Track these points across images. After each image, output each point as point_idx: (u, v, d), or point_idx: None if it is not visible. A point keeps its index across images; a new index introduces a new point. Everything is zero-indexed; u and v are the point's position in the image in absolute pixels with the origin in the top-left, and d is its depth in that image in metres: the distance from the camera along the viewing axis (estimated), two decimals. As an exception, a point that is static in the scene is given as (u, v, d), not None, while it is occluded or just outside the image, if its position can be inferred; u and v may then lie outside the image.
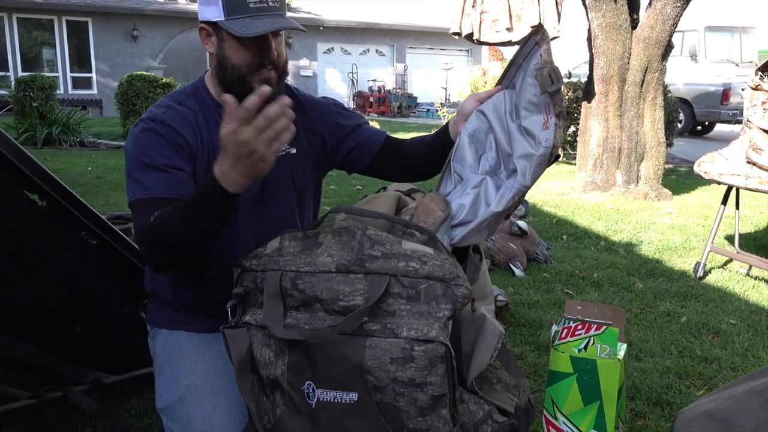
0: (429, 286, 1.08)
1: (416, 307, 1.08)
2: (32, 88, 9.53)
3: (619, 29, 5.72)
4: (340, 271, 1.11)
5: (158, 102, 1.42)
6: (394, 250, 1.10)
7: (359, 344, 1.07)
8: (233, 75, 1.34)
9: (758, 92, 3.44)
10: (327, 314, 1.12)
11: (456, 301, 1.08)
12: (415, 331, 1.06)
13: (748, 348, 2.68)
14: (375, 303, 1.07)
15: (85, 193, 5.54)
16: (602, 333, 1.42)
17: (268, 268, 1.18)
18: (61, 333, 1.94)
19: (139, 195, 1.28)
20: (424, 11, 22.47)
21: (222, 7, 1.28)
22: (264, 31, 1.28)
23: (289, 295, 1.15)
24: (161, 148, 1.31)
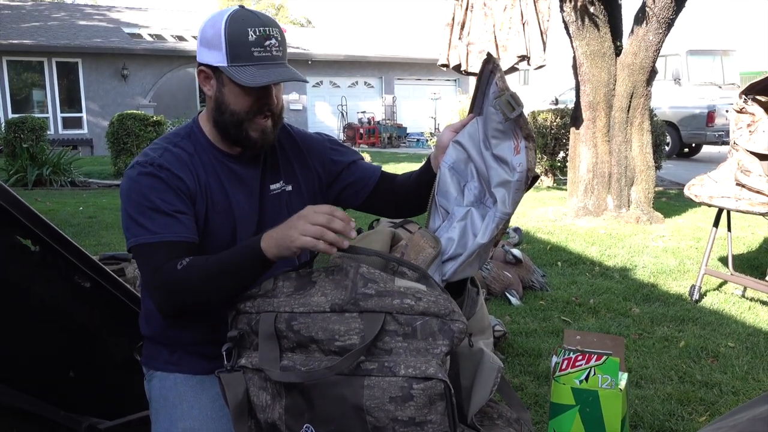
0: (425, 322, 1.07)
1: (413, 344, 1.07)
2: (23, 129, 9.55)
3: (603, 56, 5.81)
4: (335, 311, 1.10)
5: (153, 144, 1.41)
6: (388, 287, 1.10)
7: (357, 384, 1.06)
8: (231, 120, 1.34)
9: (743, 115, 3.49)
10: (323, 355, 1.11)
11: (453, 336, 1.07)
12: (413, 368, 1.05)
13: (748, 371, 2.67)
14: (371, 342, 1.06)
15: (77, 234, 5.51)
16: (603, 363, 1.42)
17: (262, 310, 1.17)
18: (54, 379, 1.91)
19: (145, 239, 1.26)
20: (411, 43, 22.81)
21: (225, 53, 1.28)
22: (268, 82, 1.28)
23: (285, 336, 1.14)
24: (162, 192, 1.30)
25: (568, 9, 5.84)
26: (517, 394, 2.46)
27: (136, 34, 18.49)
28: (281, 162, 1.47)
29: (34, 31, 16.95)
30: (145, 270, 1.26)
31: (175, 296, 1.23)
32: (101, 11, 21.13)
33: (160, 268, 1.23)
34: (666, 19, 5.56)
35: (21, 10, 19.35)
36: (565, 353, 1.46)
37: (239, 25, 1.28)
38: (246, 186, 1.41)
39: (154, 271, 1.24)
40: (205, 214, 1.36)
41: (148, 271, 1.25)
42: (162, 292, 1.23)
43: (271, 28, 1.30)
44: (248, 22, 1.28)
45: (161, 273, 1.22)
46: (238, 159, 1.41)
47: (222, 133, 1.39)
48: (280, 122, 1.41)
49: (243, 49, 1.27)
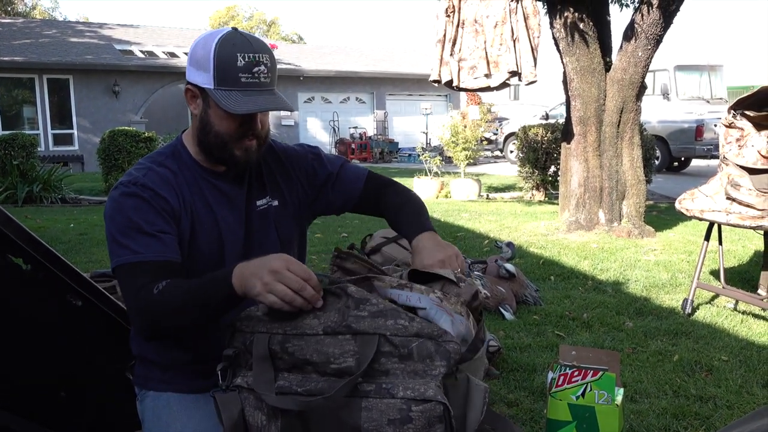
0: (420, 343, 1.06)
1: (410, 365, 1.06)
2: (13, 146, 9.51)
3: (593, 72, 5.87)
4: (328, 333, 1.09)
5: (137, 164, 1.40)
6: (380, 305, 1.08)
7: (355, 406, 1.05)
8: (215, 141, 1.35)
9: (732, 130, 3.53)
10: (320, 375, 1.10)
11: (449, 356, 1.06)
12: (411, 390, 1.03)
13: (741, 385, 2.68)
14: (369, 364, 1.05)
15: (68, 251, 5.47)
16: (599, 378, 1.41)
17: (256, 330, 1.16)
18: (45, 399, 1.88)
19: (127, 259, 1.26)
20: (403, 59, 22.95)
21: (213, 75, 1.28)
22: (251, 110, 1.28)
23: (279, 357, 1.13)
24: (144, 212, 1.29)
25: (558, 25, 5.90)
26: (513, 410, 2.45)
27: (128, 50, 18.51)
28: (266, 177, 1.47)
29: (25, 48, 16.94)
30: (125, 292, 1.26)
31: (150, 320, 1.22)
32: (93, 28, 21.14)
33: (138, 291, 1.22)
34: (654, 35, 5.63)
35: (12, 27, 19.35)
36: (560, 369, 1.45)
37: (229, 49, 1.28)
38: (232, 203, 1.41)
39: (133, 293, 1.23)
40: (191, 233, 1.35)
41: (128, 293, 1.25)
42: (138, 315, 1.23)
43: (261, 55, 1.30)
44: (238, 47, 1.28)
45: (138, 296, 1.22)
46: (223, 176, 1.41)
47: (206, 152, 1.39)
48: (265, 144, 1.42)
49: (230, 73, 1.27)
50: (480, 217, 7.37)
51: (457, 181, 9.88)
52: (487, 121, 11.69)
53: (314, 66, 19.83)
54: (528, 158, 9.11)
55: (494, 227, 6.65)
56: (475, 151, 10.26)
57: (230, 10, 40.79)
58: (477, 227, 6.69)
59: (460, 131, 9.93)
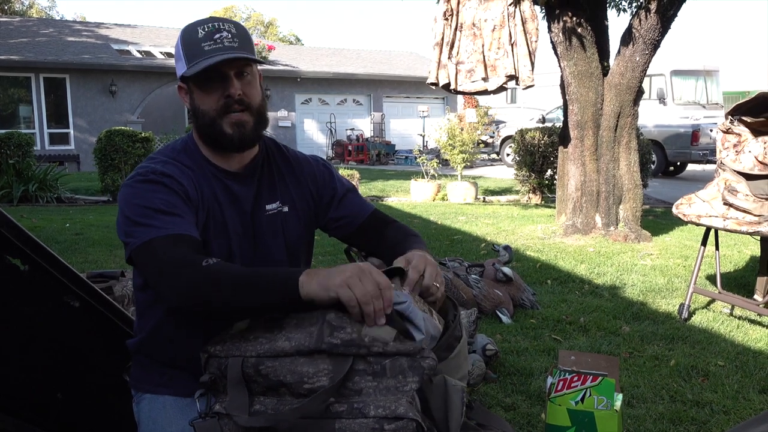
0: (394, 360, 1.06)
1: (383, 382, 1.06)
2: (9, 145, 9.46)
3: (590, 77, 5.89)
4: (302, 354, 1.08)
5: (151, 157, 1.38)
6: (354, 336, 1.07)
7: (328, 428, 1.05)
8: (204, 122, 1.34)
9: (729, 135, 3.55)
10: (294, 398, 1.09)
11: (422, 372, 1.06)
12: (383, 408, 1.03)
13: (738, 390, 2.68)
14: (340, 381, 1.05)
15: (64, 251, 5.45)
16: (598, 384, 1.42)
17: (230, 354, 1.14)
18: (41, 401, 1.87)
19: (155, 234, 1.21)
20: (400, 61, 22.97)
21: (183, 59, 1.32)
22: (207, 64, 1.27)
23: (254, 381, 1.12)
24: (164, 194, 1.27)
25: (556, 30, 5.92)
26: (510, 414, 2.45)
27: (125, 50, 18.47)
28: (278, 182, 1.46)
29: (21, 47, 16.88)
30: (159, 263, 1.18)
31: (196, 292, 1.14)
32: (90, 28, 21.09)
33: (182, 259, 1.16)
34: (652, 40, 5.65)
35: (9, 25, 19.29)
36: (560, 374, 1.46)
37: (190, 28, 1.33)
38: (239, 204, 1.40)
39: (174, 261, 1.16)
40: (205, 225, 1.34)
41: (165, 261, 1.17)
42: (182, 284, 1.15)
43: (223, 23, 1.32)
44: (199, 23, 1.32)
45: (184, 263, 1.16)
46: (234, 176, 1.40)
47: (205, 140, 1.38)
48: (261, 120, 1.38)
49: (194, 47, 1.30)
50: (477, 220, 7.37)
51: (453, 184, 9.88)
52: (484, 124, 11.70)
53: (311, 67, 19.83)
54: (525, 162, 9.12)
55: (491, 230, 6.65)
56: (471, 154, 10.27)
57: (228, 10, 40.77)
58: (474, 230, 6.69)
59: (457, 134, 9.94)
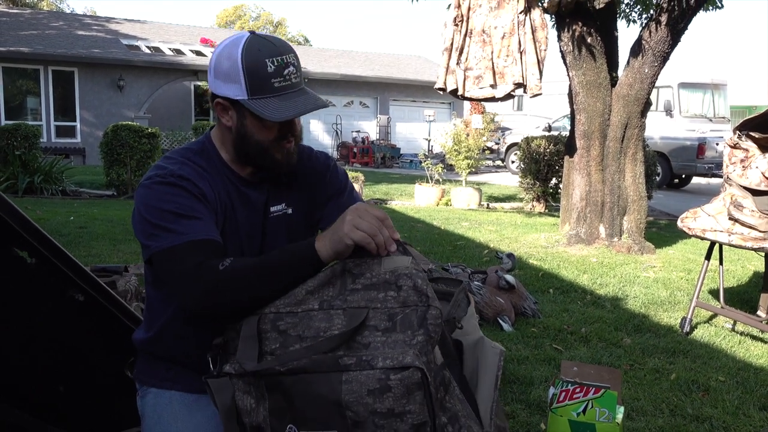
0: (405, 315, 1.08)
1: (392, 336, 1.08)
2: (16, 136, 9.49)
3: (599, 87, 5.89)
4: (323, 308, 1.12)
5: (167, 158, 1.39)
6: (374, 278, 1.12)
7: (335, 380, 1.06)
8: (256, 149, 1.34)
9: (737, 150, 3.54)
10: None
11: (427, 324, 1.07)
12: (390, 359, 1.04)
13: (738, 406, 2.67)
14: (352, 333, 1.07)
15: (67, 244, 5.46)
16: (601, 396, 1.41)
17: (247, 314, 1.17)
18: (44, 393, 1.88)
19: (176, 240, 1.22)
20: (408, 65, 22.99)
21: (245, 87, 1.27)
22: (293, 115, 1.28)
23: (267, 337, 1.14)
24: (183, 198, 1.28)
25: (566, 39, 5.92)
26: (509, 422, 2.44)
27: (134, 45, 18.52)
28: (283, 184, 1.46)
29: (31, 39, 16.94)
30: (179, 272, 1.20)
31: (219, 296, 1.18)
32: (100, 22, 21.15)
33: (197, 267, 1.18)
34: (662, 52, 5.65)
35: (19, 17, 19.36)
36: (563, 385, 1.46)
37: (256, 56, 1.26)
38: (252, 207, 1.41)
39: (192, 271, 1.18)
40: (222, 227, 1.35)
41: (184, 271, 1.19)
42: (204, 292, 1.18)
43: (288, 55, 1.29)
44: (264, 53, 1.27)
45: (201, 273, 1.18)
46: (248, 180, 1.41)
47: (244, 160, 1.38)
48: (299, 141, 1.42)
49: (263, 81, 1.26)
50: (480, 227, 7.37)
51: (458, 190, 9.88)
52: (489, 130, 11.70)
53: (319, 68, 19.86)
54: (530, 169, 9.12)
55: (494, 237, 6.65)
56: (477, 160, 10.27)
57: (237, 9, 40.86)
58: (477, 236, 6.69)
59: (463, 139, 9.94)
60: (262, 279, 1.18)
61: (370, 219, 1.14)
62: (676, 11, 5.51)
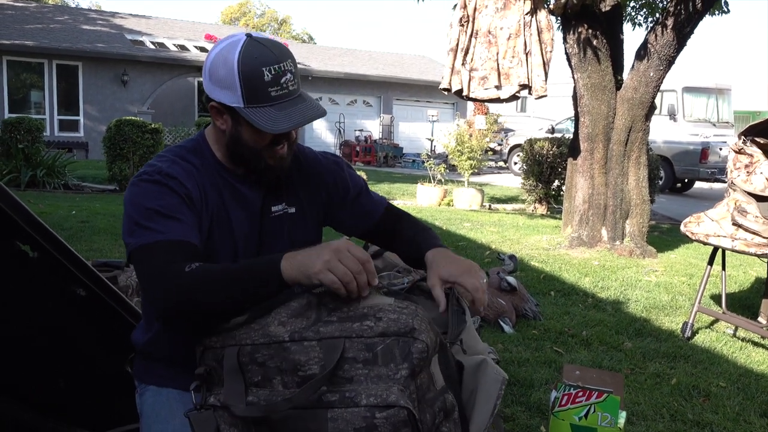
0: (385, 346, 1.05)
1: (374, 370, 1.05)
2: (19, 129, 9.50)
3: (603, 90, 5.88)
4: (294, 340, 1.08)
5: (158, 156, 1.38)
6: (350, 311, 1.08)
7: (321, 417, 1.04)
8: (249, 154, 1.33)
9: (741, 155, 3.53)
10: (285, 389, 1.09)
11: (412, 358, 1.04)
12: (374, 397, 1.02)
13: (739, 413, 2.67)
14: (331, 371, 1.04)
15: (69, 238, 5.46)
16: (603, 401, 1.41)
17: (226, 344, 1.14)
18: (43, 388, 1.88)
19: (150, 238, 1.21)
20: (412, 65, 22.98)
21: (241, 95, 1.24)
22: (289, 127, 1.26)
23: (248, 370, 1.12)
24: (167, 197, 1.27)
25: (571, 41, 5.91)
26: (508, 425, 2.44)
27: (139, 41, 18.53)
28: (284, 183, 1.45)
29: (36, 33, 16.95)
30: (148, 271, 1.19)
31: (179, 300, 1.15)
32: (105, 17, 21.16)
33: (165, 269, 1.17)
34: (667, 56, 5.64)
35: (24, 11, 19.37)
36: (565, 388, 1.45)
37: (252, 64, 1.23)
38: (247, 206, 1.39)
39: (159, 271, 1.17)
40: (209, 229, 1.34)
41: (152, 272, 1.18)
42: (166, 294, 1.16)
43: (285, 63, 1.26)
44: (261, 60, 1.24)
45: (167, 274, 1.16)
46: (243, 178, 1.40)
47: (237, 163, 1.37)
48: (294, 146, 1.41)
49: (259, 90, 1.24)
50: (482, 228, 7.36)
51: (460, 190, 9.87)
52: (493, 131, 11.69)
53: (323, 67, 19.86)
54: (532, 171, 9.11)
55: (496, 238, 6.64)
56: (479, 161, 10.26)
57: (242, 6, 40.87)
58: (479, 237, 6.68)
59: (466, 140, 9.93)
60: (225, 287, 1.15)
61: (348, 263, 1.08)
62: (682, 15, 5.50)
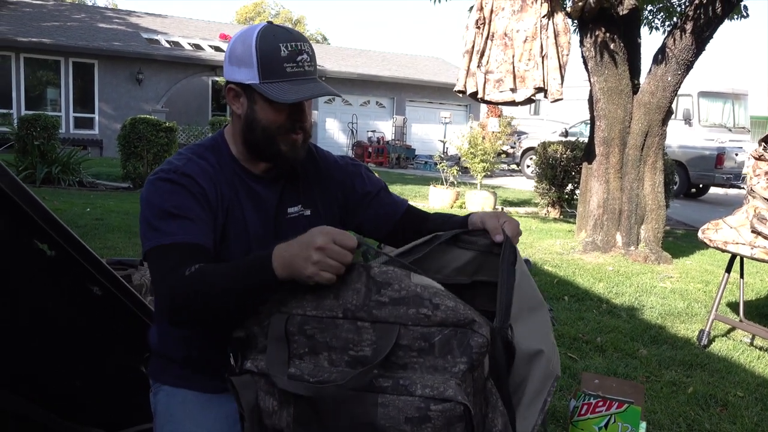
0: (443, 337, 1.01)
1: (429, 360, 1.02)
2: (35, 126, 9.57)
3: (620, 94, 5.83)
4: (347, 317, 1.06)
5: (177, 154, 1.39)
6: (403, 290, 1.03)
7: (370, 401, 1.02)
8: (263, 136, 1.32)
9: (762, 162, 3.48)
10: (332, 366, 1.07)
11: (471, 353, 1.01)
12: (430, 388, 0.99)
13: (758, 423, 2.63)
14: (385, 358, 1.02)
15: (83, 235, 5.47)
16: (624, 411, 1.38)
17: (273, 311, 1.12)
18: (59, 387, 1.88)
19: (159, 241, 1.23)
20: (426, 66, 22.96)
21: (257, 70, 1.26)
22: (302, 97, 1.26)
23: (295, 340, 1.10)
24: (181, 197, 1.27)
25: (588, 44, 5.87)
26: None
27: (154, 39, 18.65)
28: (301, 186, 1.44)
29: (53, 31, 17.10)
30: (155, 274, 1.22)
31: (179, 302, 1.17)
32: (121, 15, 21.32)
33: (168, 273, 1.19)
34: (685, 60, 5.58)
35: (42, 9, 19.54)
36: (584, 398, 1.43)
37: (270, 41, 1.26)
38: (262, 206, 1.39)
39: (162, 275, 1.20)
40: (224, 228, 1.33)
41: (157, 275, 1.21)
42: (167, 298, 1.18)
43: (303, 43, 1.29)
44: (279, 38, 1.27)
45: (168, 278, 1.18)
46: (260, 178, 1.39)
47: (252, 150, 1.36)
48: (309, 138, 1.39)
49: (275, 65, 1.26)
50: (495, 231, 7.31)
51: (472, 193, 9.84)
52: (506, 134, 11.64)
53: (337, 67, 19.88)
54: (546, 174, 9.06)
55: (509, 242, 6.59)
56: (492, 164, 10.23)
57: (257, 6, 41.03)
58: (491, 241, 6.64)
59: (479, 142, 9.89)
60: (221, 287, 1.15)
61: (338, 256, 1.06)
62: (701, 19, 5.44)
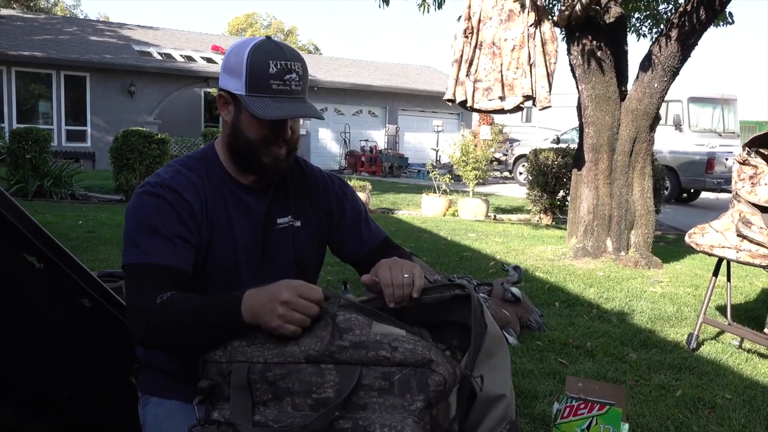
0: (402, 376, 1.05)
1: (389, 399, 1.05)
2: (27, 140, 9.57)
3: (608, 100, 5.89)
4: (310, 362, 1.09)
5: (166, 165, 1.41)
6: (364, 336, 1.08)
7: None
8: (245, 147, 1.35)
9: (746, 167, 3.53)
10: (295, 410, 1.09)
11: (428, 390, 1.04)
12: (389, 428, 1.02)
13: (744, 425, 2.65)
14: (346, 397, 1.04)
15: (75, 248, 5.48)
16: (605, 413, 1.41)
17: (234, 359, 1.14)
18: (48, 399, 1.88)
19: (137, 259, 1.26)
20: (417, 75, 23.06)
21: (245, 82, 1.29)
22: (282, 116, 1.29)
23: (258, 388, 1.11)
24: (165, 214, 1.29)
25: (576, 52, 5.93)
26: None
27: (146, 52, 18.66)
28: (292, 197, 1.46)
29: (44, 44, 17.10)
30: (129, 290, 1.25)
31: (147, 328, 1.21)
32: (112, 28, 21.34)
33: (141, 295, 1.22)
34: (671, 67, 5.65)
35: (33, 22, 19.56)
36: (567, 400, 1.45)
37: (262, 56, 1.29)
38: (251, 215, 1.40)
39: (136, 296, 1.23)
40: (209, 241, 1.35)
41: (131, 293, 1.24)
42: (136, 320, 1.22)
43: (294, 63, 1.31)
44: (271, 55, 1.29)
45: (140, 301, 1.22)
46: (249, 189, 1.41)
47: (235, 158, 1.39)
48: (294, 152, 1.42)
49: (262, 80, 1.28)
50: (487, 238, 7.36)
51: (465, 200, 9.88)
52: (498, 141, 11.71)
53: (329, 77, 19.94)
54: (537, 181, 9.11)
55: (500, 249, 6.64)
56: (484, 171, 10.27)
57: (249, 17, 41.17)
58: (483, 248, 6.68)
59: (471, 150, 9.95)
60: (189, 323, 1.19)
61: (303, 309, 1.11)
62: (686, 26, 5.51)
